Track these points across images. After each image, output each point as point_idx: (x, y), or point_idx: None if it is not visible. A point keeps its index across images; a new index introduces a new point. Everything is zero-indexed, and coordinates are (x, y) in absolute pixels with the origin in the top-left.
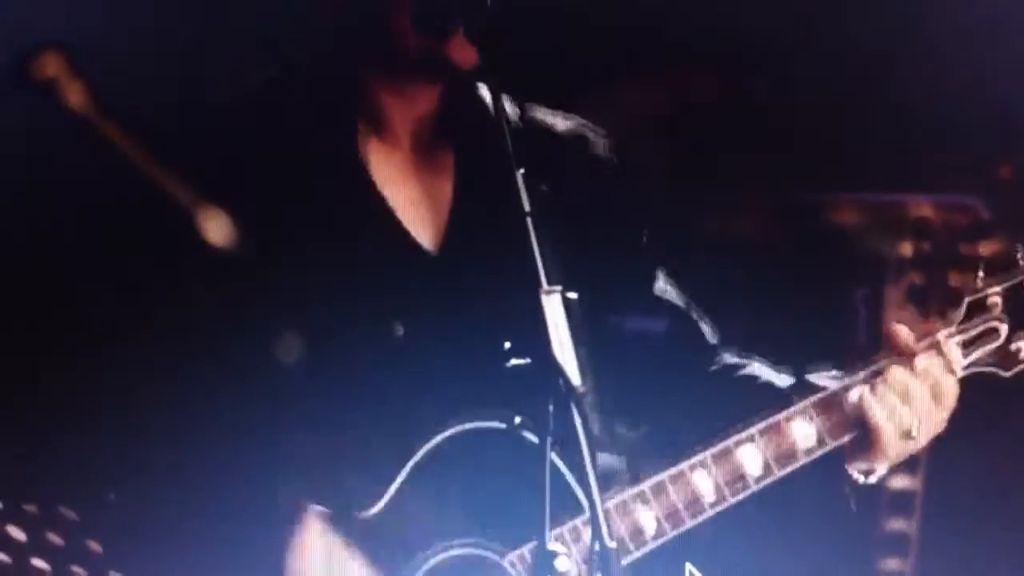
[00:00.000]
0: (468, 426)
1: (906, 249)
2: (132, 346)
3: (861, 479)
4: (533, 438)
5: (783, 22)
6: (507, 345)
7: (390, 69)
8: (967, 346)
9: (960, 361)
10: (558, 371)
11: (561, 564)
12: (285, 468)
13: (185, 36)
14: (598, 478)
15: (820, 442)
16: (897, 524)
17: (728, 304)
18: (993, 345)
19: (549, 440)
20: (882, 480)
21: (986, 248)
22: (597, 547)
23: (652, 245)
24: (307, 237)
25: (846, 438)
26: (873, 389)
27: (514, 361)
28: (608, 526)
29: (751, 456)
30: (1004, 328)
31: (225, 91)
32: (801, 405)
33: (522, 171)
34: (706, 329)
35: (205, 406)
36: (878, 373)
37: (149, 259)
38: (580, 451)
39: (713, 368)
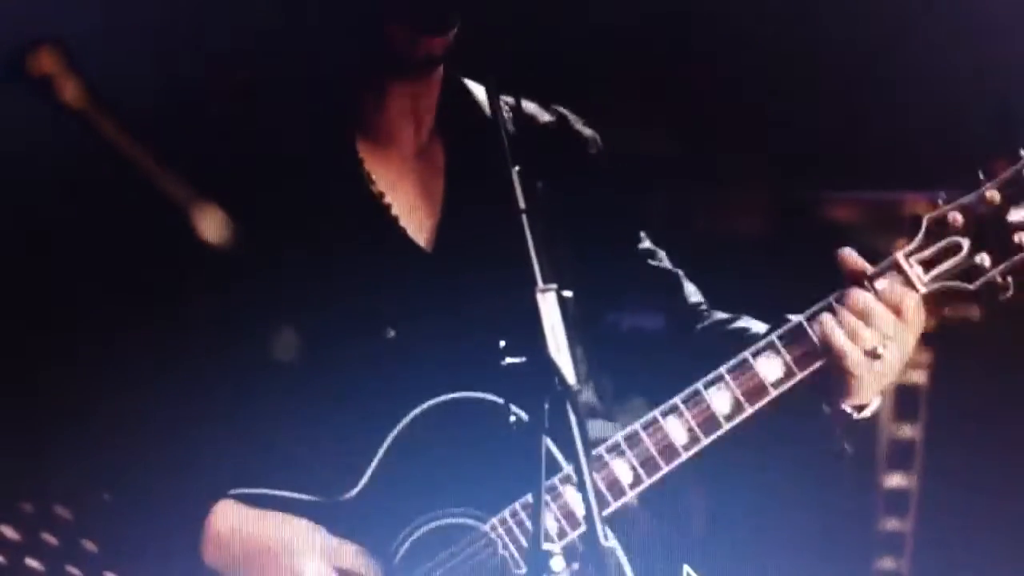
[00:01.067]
0: (439, 400)
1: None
2: (128, 345)
3: (855, 414)
4: (500, 400)
5: (783, 21)
6: (502, 344)
7: (385, 69)
8: (929, 264)
9: (922, 278)
10: (554, 370)
11: (556, 564)
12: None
13: (180, 35)
14: (593, 477)
15: (788, 373)
16: (892, 524)
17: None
18: (955, 259)
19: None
20: (878, 480)
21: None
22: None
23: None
24: (304, 237)
25: (814, 366)
26: (837, 314)
27: (509, 360)
28: (604, 527)
29: (720, 395)
30: (966, 243)
31: (222, 91)
32: (766, 340)
33: (517, 168)
34: (691, 288)
35: (202, 406)
36: (840, 300)
37: (146, 258)
38: (575, 450)
39: (702, 325)
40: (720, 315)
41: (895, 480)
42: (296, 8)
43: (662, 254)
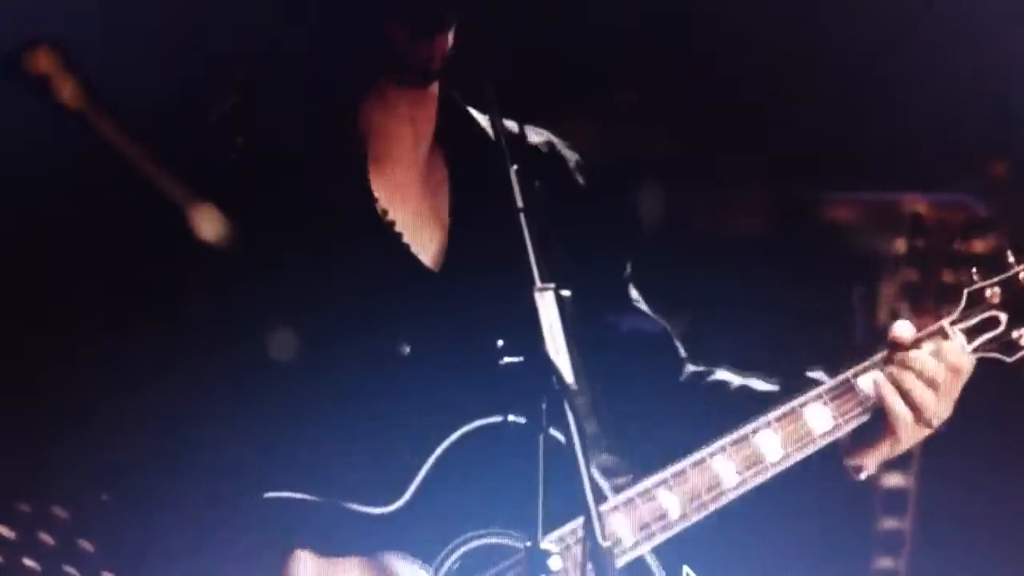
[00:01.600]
0: (486, 421)
1: (901, 246)
2: (126, 346)
3: (854, 476)
4: (552, 432)
5: (782, 21)
6: (500, 343)
7: (384, 76)
8: (970, 334)
9: (966, 347)
10: (551, 369)
11: (554, 564)
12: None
13: (180, 35)
14: (592, 476)
15: (835, 426)
16: (891, 523)
17: (723, 302)
18: (995, 332)
19: (542, 437)
20: (876, 479)
21: (979, 245)
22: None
23: (630, 258)
24: (308, 254)
25: (860, 420)
26: (888, 374)
27: (507, 359)
28: (601, 525)
29: (769, 442)
30: (1004, 317)
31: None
32: (814, 392)
33: (515, 167)
34: (675, 340)
35: (200, 407)
36: (888, 361)
37: (144, 257)
38: (573, 449)
39: (683, 377)
40: (697, 367)
41: (893, 480)
42: (296, 10)
43: (643, 304)
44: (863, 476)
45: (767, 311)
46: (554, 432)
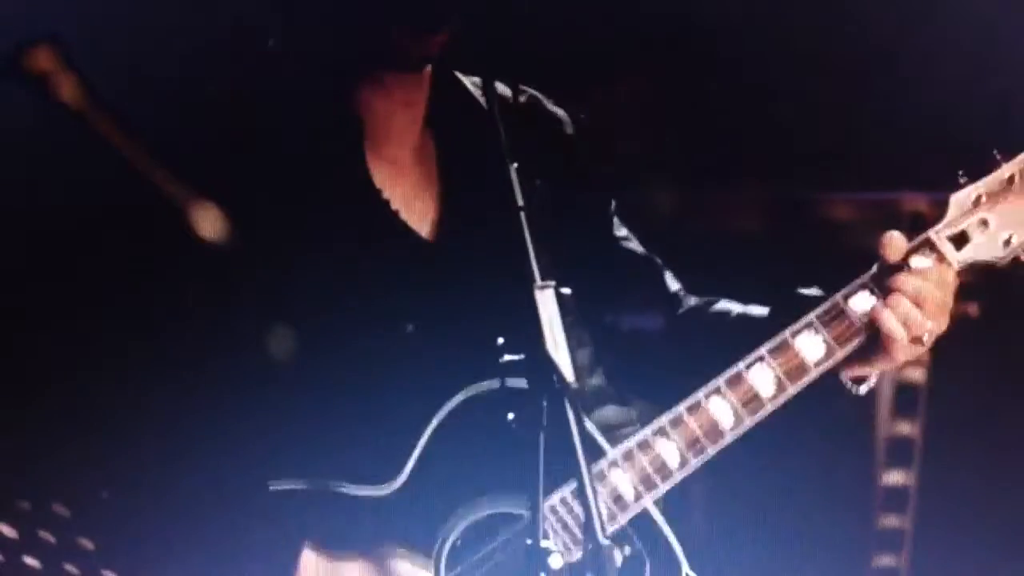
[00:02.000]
0: (481, 387)
1: None
2: (126, 343)
3: (855, 389)
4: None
5: (782, 20)
6: (500, 340)
7: (382, 66)
8: (958, 241)
9: (955, 255)
10: (552, 367)
11: (555, 562)
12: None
13: (180, 32)
14: (591, 472)
15: (828, 352)
16: (891, 520)
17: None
18: (983, 236)
19: (542, 434)
20: (877, 477)
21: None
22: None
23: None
24: (307, 235)
25: (854, 344)
26: (881, 294)
27: (507, 357)
28: (602, 522)
29: (763, 376)
30: (992, 219)
31: (224, 91)
32: (805, 319)
33: (515, 165)
34: (668, 273)
35: (199, 403)
36: (878, 278)
37: (143, 255)
38: (573, 447)
39: (682, 311)
40: (697, 299)
41: (894, 477)
42: (296, 4)
43: (635, 240)
44: (864, 389)
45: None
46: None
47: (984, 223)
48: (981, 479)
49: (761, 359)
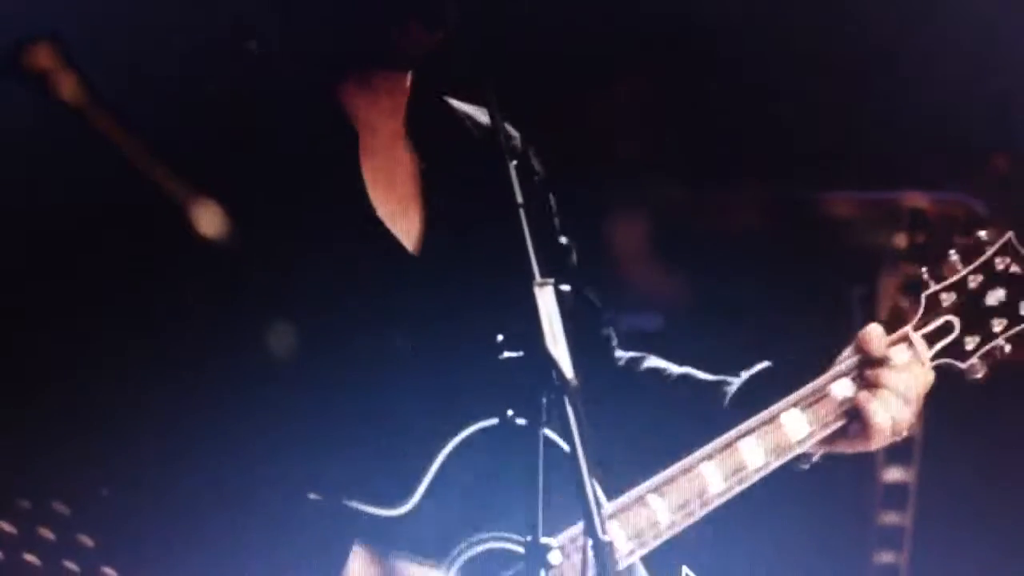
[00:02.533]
0: (491, 422)
1: (901, 241)
2: (125, 341)
3: (797, 467)
4: (553, 436)
5: (782, 20)
6: (499, 337)
7: (374, 66)
8: (930, 339)
9: (927, 354)
10: (551, 364)
11: (554, 558)
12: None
13: (177, 30)
14: (592, 471)
15: (811, 433)
16: (891, 517)
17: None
18: (950, 338)
19: (541, 432)
20: (877, 474)
21: (965, 241)
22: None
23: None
24: (297, 237)
25: (835, 427)
26: (864, 388)
27: (507, 354)
28: (602, 519)
29: (751, 448)
30: (957, 323)
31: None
32: (791, 399)
33: (515, 163)
34: (606, 327)
35: (197, 401)
36: (862, 369)
37: (142, 254)
38: (573, 444)
39: (620, 363)
40: (628, 353)
41: (894, 474)
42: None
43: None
44: (806, 467)
45: (765, 311)
46: (552, 434)
47: (950, 326)
48: (981, 476)
49: (752, 431)
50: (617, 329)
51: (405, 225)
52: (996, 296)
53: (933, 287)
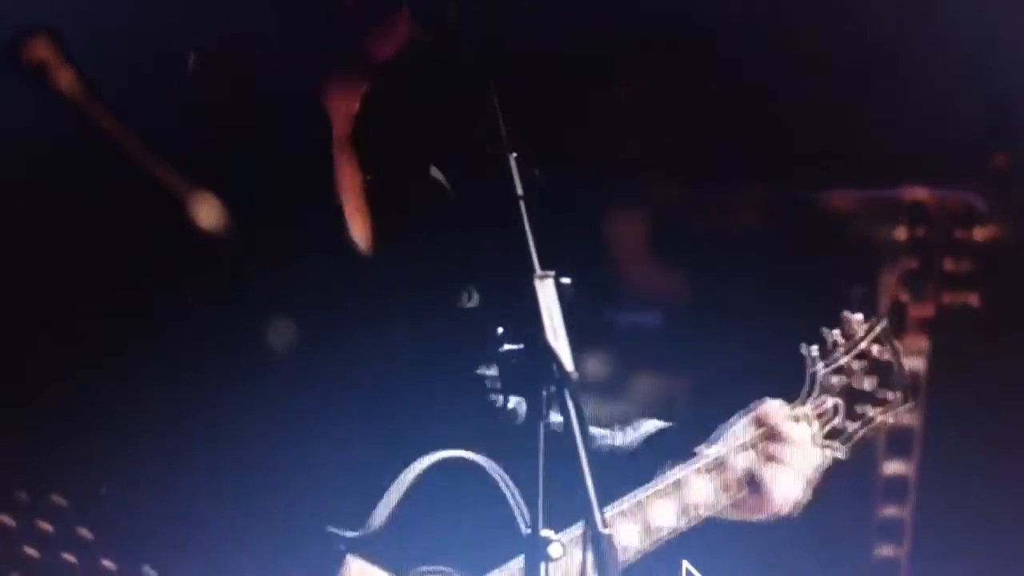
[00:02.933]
0: (446, 455)
1: (902, 235)
2: (124, 336)
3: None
4: (503, 478)
5: (782, 20)
6: (499, 330)
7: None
8: (821, 419)
9: (819, 433)
10: (552, 357)
11: (554, 551)
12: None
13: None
14: (591, 464)
15: (716, 500)
16: (891, 511)
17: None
18: (835, 421)
19: (543, 424)
20: (877, 467)
21: (980, 233)
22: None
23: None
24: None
25: (737, 496)
26: (768, 460)
27: (507, 346)
28: (602, 513)
29: (662, 509)
30: (841, 406)
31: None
32: (697, 463)
33: (515, 155)
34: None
35: (193, 399)
36: (762, 443)
37: (144, 250)
38: (572, 437)
39: None
40: None
41: (894, 468)
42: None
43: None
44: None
45: (764, 311)
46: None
47: (836, 409)
48: (982, 470)
49: (659, 495)
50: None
51: (361, 227)
52: (870, 383)
53: (822, 368)
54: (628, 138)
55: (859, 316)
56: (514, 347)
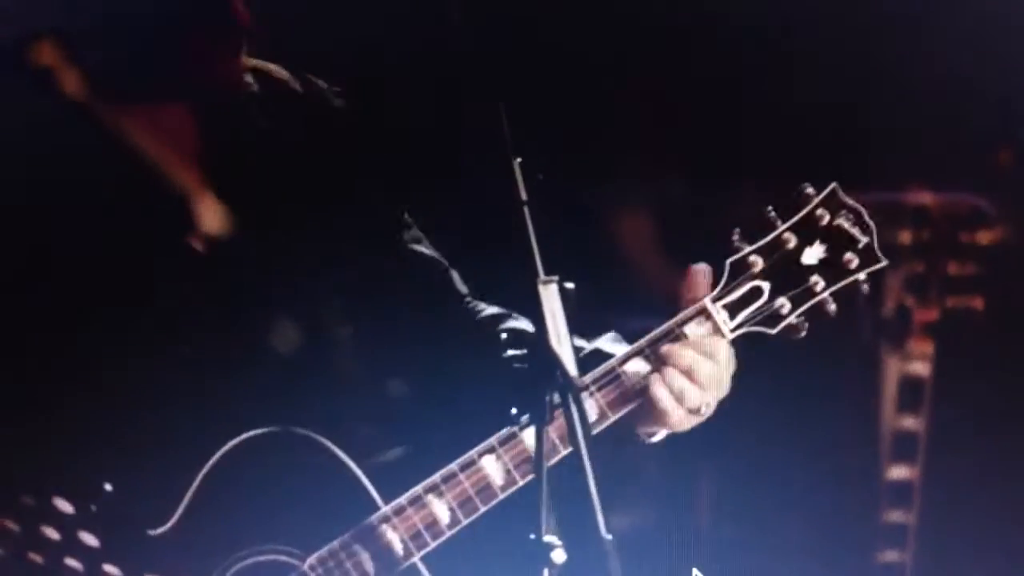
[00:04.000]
0: (251, 434)
1: (905, 238)
2: (128, 339)
3: (646, 439)
4: (324, 441)
5: (783, 17)
6: (503, 336)
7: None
8: (734, 309)
9: (728, 323)
10: (556, 362)
11: (557, 556)
12: None
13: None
14: (595, 470)
15: (601, 417)
16: (895, 515)
17: None
18: (757, 304)
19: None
20: (881, 472)
21: (985, 236)
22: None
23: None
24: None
25: (627, 409)
26: (654, 366)
27: (511, 352)
28: (604, 518)
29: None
30: (766, 287)
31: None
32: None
33: (519, 160)
34: (456, 277)
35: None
36: (654, 345)
37: (147, 252)
38: (576, 441)
39: (466, 315)
40: (488, 309)
41: (898, 472)
42: None
43: (426, 241)
44: (655, 440)
45: None
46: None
47: (758, 291)
48: (985, 474)
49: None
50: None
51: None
52: (815, 253)
53: (741, 252)
54: (628, 138)
55: (807, 186)
56: (518, 352)
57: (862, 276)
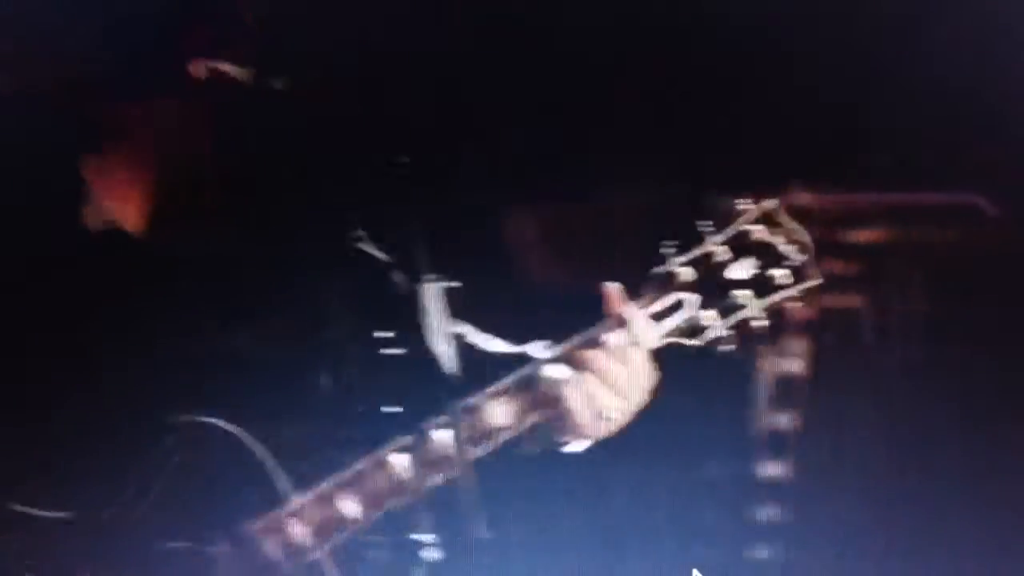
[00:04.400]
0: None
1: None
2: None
3: (564, 446)
4: (228, 427)
5: (783, 18)
6: (388, 335)
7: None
8: (658, 318)
9: (648, 334)
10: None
11: (428, 554)
12: None
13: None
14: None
15: (517, 419)
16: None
17: None
18: (681, 315)
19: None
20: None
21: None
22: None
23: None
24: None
25: (543, 413)
26: (572, 372)
27: (390, 351)
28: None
29: (445, 438)
30: (693, 299)
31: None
32: (497, 386)
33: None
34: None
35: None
36: (571, 351)
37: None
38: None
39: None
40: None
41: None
42: None
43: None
44: (572, 448)
45: None
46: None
47: (679, 304)
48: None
49: (449, 424)
50: None
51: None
52: (744, 267)
53: (668, 263)
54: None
55: (739, 202)
56: (397, 351)
57: (794, 292)
